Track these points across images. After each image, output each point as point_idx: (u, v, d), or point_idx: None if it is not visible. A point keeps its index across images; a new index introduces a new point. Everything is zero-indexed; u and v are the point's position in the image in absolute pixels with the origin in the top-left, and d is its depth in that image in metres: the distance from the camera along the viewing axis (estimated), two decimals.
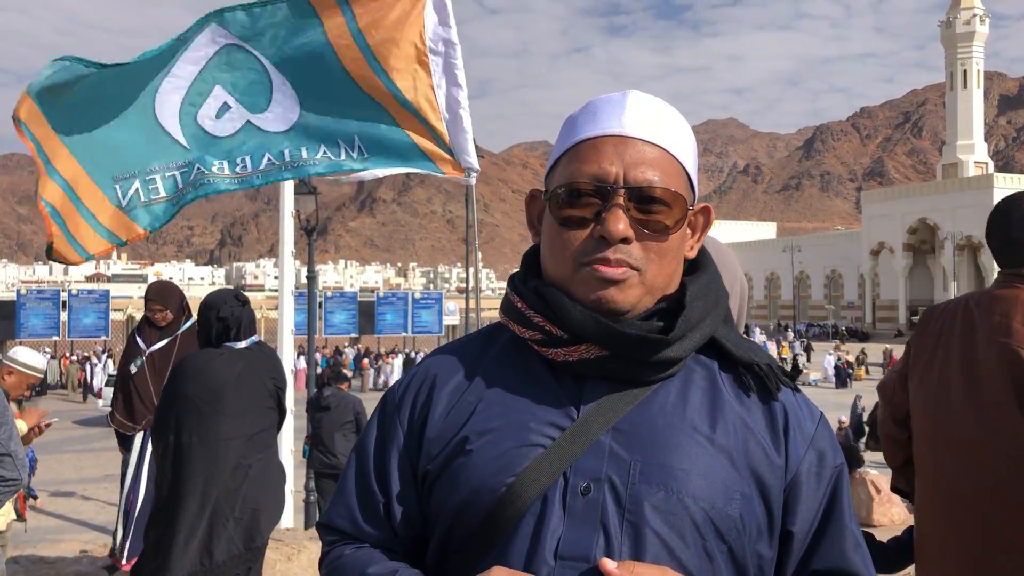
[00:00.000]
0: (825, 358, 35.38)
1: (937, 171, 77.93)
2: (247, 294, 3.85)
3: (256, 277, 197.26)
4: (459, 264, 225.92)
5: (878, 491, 11.67)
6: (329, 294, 36.83)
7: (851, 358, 36.01)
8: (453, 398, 1.12)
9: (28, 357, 4.58)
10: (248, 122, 2.78)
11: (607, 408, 1.06)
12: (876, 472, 12.45)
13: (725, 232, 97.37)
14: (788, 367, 31.64)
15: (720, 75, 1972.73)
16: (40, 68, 3.42)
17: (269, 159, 2.83)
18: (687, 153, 1.12)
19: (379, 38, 2.59)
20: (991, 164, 74.69)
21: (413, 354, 34.63)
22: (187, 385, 3.45)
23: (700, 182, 1.15)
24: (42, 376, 4.69)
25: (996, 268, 2.30)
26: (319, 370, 24.68)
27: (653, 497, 1.01)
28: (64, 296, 32.26)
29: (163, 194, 2.96)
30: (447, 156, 2.62)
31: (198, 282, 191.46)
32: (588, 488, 1.02)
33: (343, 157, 2.74)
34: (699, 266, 1.17)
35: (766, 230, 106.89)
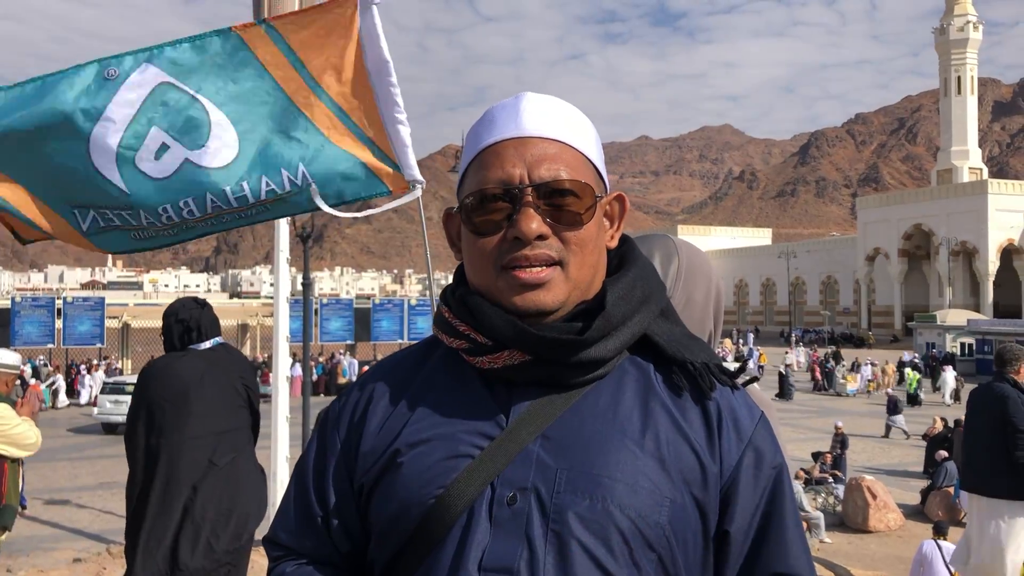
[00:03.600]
0: (862, 368, 32.93)
1: (932, 177, 78.19)
2: (244, 301, 3.89)
3: (252, 284, 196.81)
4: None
5: (874, 497, 11.66)
6: (325, 301, 36.80)
7: (889, 367, 33.07)
8: (388, 411, 1.13)
9: (2, 356, 4.74)
10: (186, 159, 2.65)
11: (535, 415, 1.04)
12: (872, 478, 12.44)
13: (720, 238, 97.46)
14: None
15: (715, 82, 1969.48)
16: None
17: (213, 202, 2.66)
18: (589, 145, 1.12)
19: (318, 64, 2.57)
20: (985, 170, 74.99)
21: None
22: (151, 388, 3.46)
23: (695, 188, 1.16)
24: (18, 372, 4.87)
25: (991, 273, 2.31)
26: (315, 377, 24.60)
27: (577, 506, 0.99)
28: (59, 304, 32.16)
29: (118, 223, 2.87)
30: (392, 171, 2.54)
31: (194, 289, 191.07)
32: (514, 498, 1.00)
33: (287, 187, 2.65)
34: (626, 262, 1.15)
35: (762, 236, 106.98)
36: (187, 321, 3.56)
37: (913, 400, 27.77)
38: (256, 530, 3.56)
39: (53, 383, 27.29)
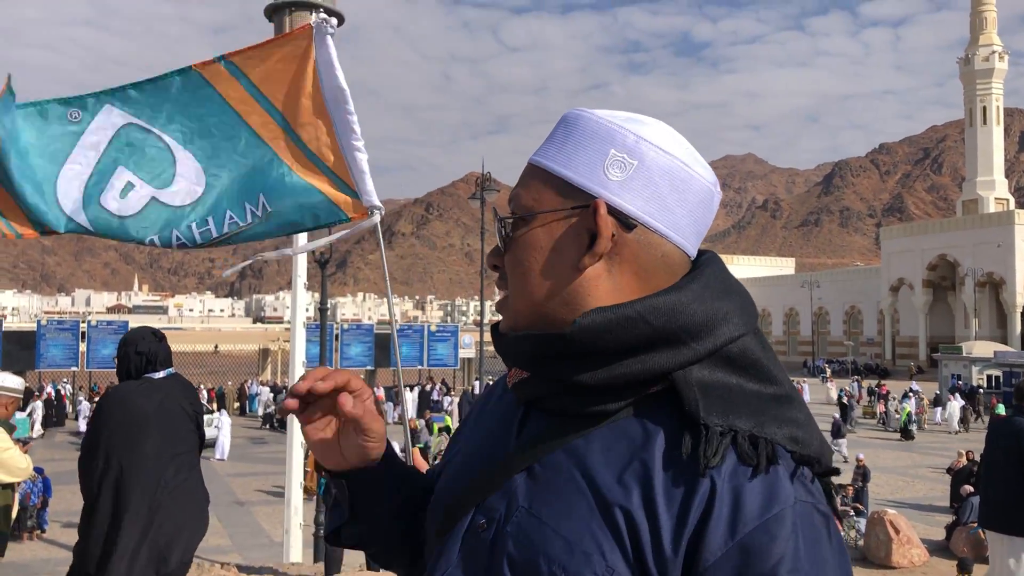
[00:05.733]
0: (949, 402, 30.63)
1: (957, 207, 77.50)
2: (267, 325, 4.07)
3: (275, 309, 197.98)
4: (477, 297, 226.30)
5: (897, 531, 11.47)
6: (346, 326, 36.97)
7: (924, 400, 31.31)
8: (469, 419, 1.20)
9: (6, 380, 5.00)
10: (153, 198, 2.72)
11: (533, 445, 1.00)
12: (895, 512, 12.25)
13: (743, 267, 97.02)
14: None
15: (739, 111, 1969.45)
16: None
17: (177, 238, 2.77)
18: (560, 153, 0.99)
19: (280, 96, 2.58)
20: (1011, 200, 74.24)
21: (428, 387, 34.52)
22: (112, 415, 3.73)
23: (717, 216, 1.03)
24: (21, 396, 5.12)
25: (1018, 305, 2.27)
26: None
27: (512, 549, 0.94)
28: (83, 327, 32.53)
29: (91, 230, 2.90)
30: (350, 199, 2.56)
31: (218, 314, 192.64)
32: (484, 527, 0.99)
33: (249, 220, 2.63)
34: (668, 288, 0.97)
35: (785, 265, 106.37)
36: (146, 354, 3.84)
37: (905, 434, 27.04)
38: (198, 546, 3.86)
39: (31, 410, 26.37)
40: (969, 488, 13.34)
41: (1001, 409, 30.21)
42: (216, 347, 51.96)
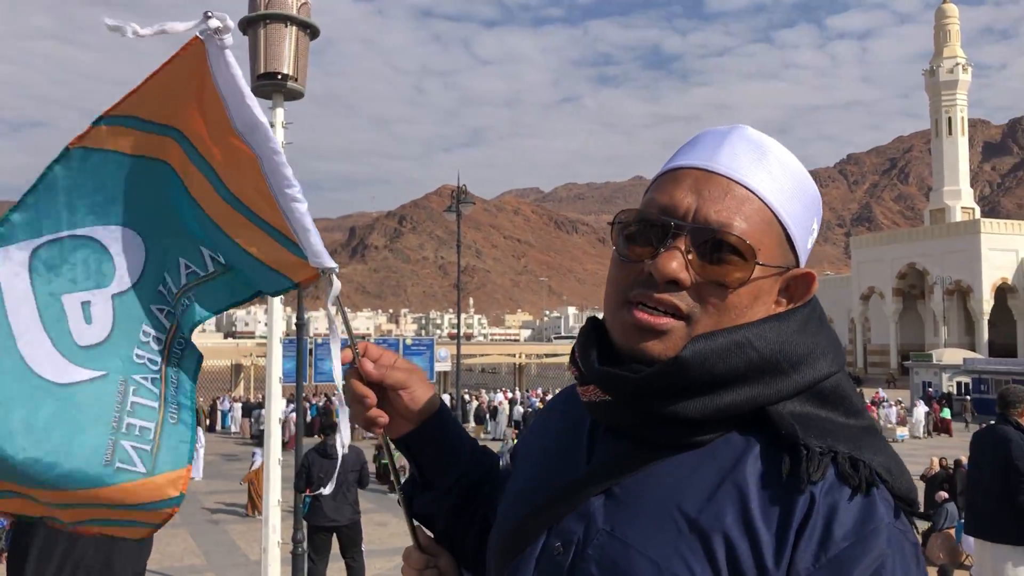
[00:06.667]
0: (915, 409, 31.38)
1: (924, 217, 78.70)
2: (239, 341, 3.93)
3: (247, 324, 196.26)
4: (451, 310, 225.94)
5: None
6: (319, 341, 36.65)
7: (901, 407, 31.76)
8: (534, 432, 1.17)
9: None
10: (113, 295, 1.89)
11: (611, 468, 0.98)
12: None
13: None
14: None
15: (709, 123, 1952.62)
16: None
17: (144, 331, 1.86)
18: (790, 206, 0.98)
19: (191, 129, 1.82)
20: (977, 209, 75.51)
21: None
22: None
23: None
24: None
25: (985, 312, 2.28)
26: (309, 418, 24.37)
27: (594, 570, 0.93)
28: None
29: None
30: (295, 258, 1.76)
31: None
32: (560, 550, 0.97)
33: (211, 268, 1.84)
34: (776, 316, 0.99)
35: None
36: None
37: None
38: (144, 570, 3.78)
39: None
40: (944, 494, 13.41)
41: (947, 413, 31.04)
42: None
